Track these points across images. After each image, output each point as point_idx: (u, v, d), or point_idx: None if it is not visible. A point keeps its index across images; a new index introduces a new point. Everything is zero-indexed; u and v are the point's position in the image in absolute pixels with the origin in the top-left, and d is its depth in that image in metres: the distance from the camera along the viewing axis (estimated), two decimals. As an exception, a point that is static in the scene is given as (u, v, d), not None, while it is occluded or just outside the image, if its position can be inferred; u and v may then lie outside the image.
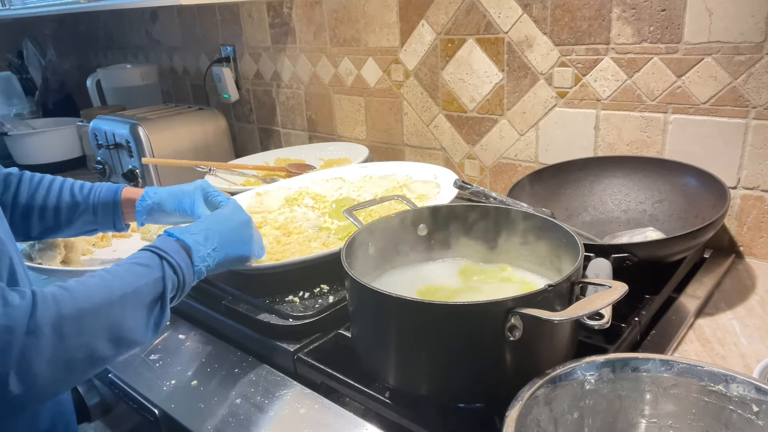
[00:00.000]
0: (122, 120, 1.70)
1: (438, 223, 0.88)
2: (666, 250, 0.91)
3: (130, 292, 0.66)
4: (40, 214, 0.95)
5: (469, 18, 1.30)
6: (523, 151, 1.31)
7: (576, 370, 0.62)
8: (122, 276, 0.67)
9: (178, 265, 0.73)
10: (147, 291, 0.68)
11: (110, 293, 0.64)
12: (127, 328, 0.65)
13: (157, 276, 0.70)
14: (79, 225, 0.98)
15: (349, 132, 1.67)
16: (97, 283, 0.65)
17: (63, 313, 0.59)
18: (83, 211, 0.97)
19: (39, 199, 0.95)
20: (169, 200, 0.98)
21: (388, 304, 0.66)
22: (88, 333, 0.61)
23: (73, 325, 0.59)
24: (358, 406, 0.77)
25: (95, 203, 0.98)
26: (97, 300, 0.63)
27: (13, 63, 2.51)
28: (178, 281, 0.73)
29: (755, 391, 0.58)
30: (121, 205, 0.98)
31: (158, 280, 0.70)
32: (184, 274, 0.74)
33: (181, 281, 0.74)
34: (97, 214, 0.98)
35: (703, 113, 1.05)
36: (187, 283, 0.75)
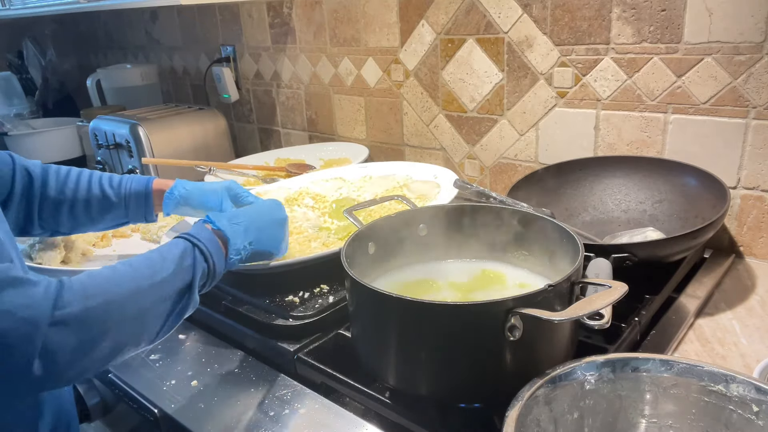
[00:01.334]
0: (122, 120, 1.70)
1: (438, 223, 0.88)
2: (666, 250, 0.91)
3: (158, 281, 0.66)
4: (70, 209, 0.95)
5: (469, 18, 1.30)
6: (523, 151, 1.31)
7: (576, 370, 0.62)
8: (152, 264, 0.68)
9: (210, 254, 0.73)
10: (176, 280, 0.68)
11: (138, 283, 0.65)
12: (152, 317, 0.66)
13: (187, 264, 0.70)
14: (110, 218, 0.99)
15: (349, 132, 1.67)
16: (127, 272, 0.65)
17: (89, 304, 0.60)
18: (115, 204, 0.97)
19: (69, 193, 0.95)
20: (196, 195, 0.99)
21: (388, 304, 0.66)
22: (114, 323, 0.62)
23: (98, 315, 0.60)
24: (358, 406, 0.77)
25: (127, 196, 0.98)
26: (124, 290, 0.63)
27: (13, 63, 2.51)
28: (208, 269, 0.73)
29: (755, 391, 0.58)
30: (152, 197, 0.99)
31: (188, 268, 0.70)
32: (215, 263, 0.74)
33: (211, 270, 0.74)
34: (129, 207, 0.98)
35: (703, 113, 1.05)
36: (218, 272, 0.76)
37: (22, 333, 0.55)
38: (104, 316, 0.61)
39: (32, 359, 0.55)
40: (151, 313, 0.66)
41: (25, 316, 0.55)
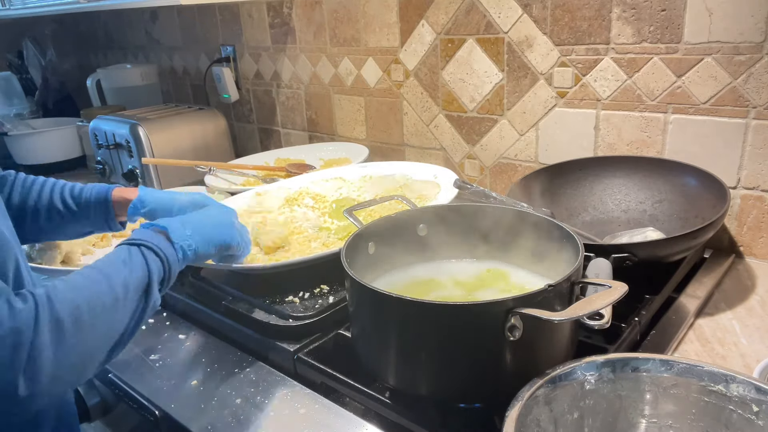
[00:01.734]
0: (122, 120, 1.70)
1: (438, 222, 0.88)
2: (666, 250, 0.91)
3: (118, 283, 0.65)
4: (33, 217, 0.93)
5: (469, 18, 1.30)
6: (523, 151, 1.31)
7: (576, 370, 0.62)
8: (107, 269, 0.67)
9: (159, 249, 0.72)
10: (133, 281, 0.67)
11: (99, 287, 0.64)
12: (119, 319, 0.65)
13: (139, 263, 0.69)
14: (73, 228, 0.97)
15: (349, 132, 1.67)
16: (86, 280, 0.64)
17: (60, 312, 0.58)
18: (76, 213, 0.95)
19: (31, 202, 0.93)
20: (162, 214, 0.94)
21: (388, 304, 0.66)
22: (86, 329, 0.61)
23: (71, 322, 0.59)
24: (358, 406, 0.77)
25: (87, 205, 0.95)
26: (88, 295, 0.62)
27: (13, 63, 2.51)
28: (162, 264, 0.72)
29: (755, 391, 0.58)
30: (112, 205, 0.96)
31: (142, 267, 0.69)
32: (167, 256, 0.73)
33: (165, 264, 0.72)
34: (89, 217, 0.96)
35: (703, 113, 1.05)
36: (172, 264, 0.74)
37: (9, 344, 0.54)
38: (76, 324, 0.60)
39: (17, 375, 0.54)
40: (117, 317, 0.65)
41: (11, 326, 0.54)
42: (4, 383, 0.54)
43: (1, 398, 0.54)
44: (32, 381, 0.55)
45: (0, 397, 0.54)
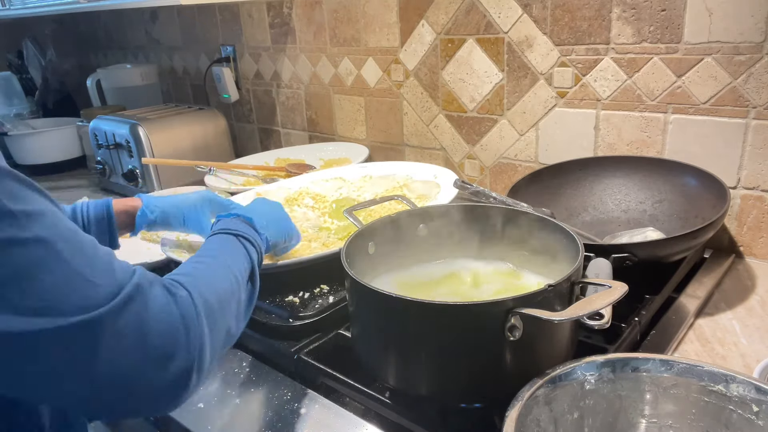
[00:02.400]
0: (122, 120, 1.70)
1: (438, 222, 0.88)
2: (666, 250, 0.91)
3: (236, 271, 0.66)
4: None
5: (469, 18, 1.30)
6: (523, 151, 1.31)
7: (576, 370, 0.62)
8: (222, 257, 0.68)
9: (253, 238, 0.74)
10: (244, 269, 0.69)
11: (225, 274, 0.64)
12: (241, 306, 0.66)
13: (243, 253, 0.71)
14: None
15: (349, 132, 1.67)
16: (215, 268, 0.65)
17: (209, 299, 0.58)
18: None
19: None
20: (174, 215, 0.94)
21: (388, 304, 0.66)
22: (226, 315, 0.61)
23: (218, 308, 0.59)
24: (358, 406, 0.77)
25: (86, 223, 0.90)
26: (221, 281, 0.63)
27: (13, 63, 2.51)
28: (258, 254, 0.74)
29: (755, 391, 0.58)
30: (115, 220, 0.92)
31: (246, 257, 0.71)
32: (260, 245, 0.75)
33: (259, 254, 0.75)
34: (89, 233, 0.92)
35: (703, 113, 1.05)
36: (262, 255, 0.77)
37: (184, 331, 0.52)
38: (220, 309, 0.59)
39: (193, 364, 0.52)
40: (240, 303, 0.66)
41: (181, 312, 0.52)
42: (187, 363, 0.52)
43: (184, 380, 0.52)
44: (200, 368, 0.54)
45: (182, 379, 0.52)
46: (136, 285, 0.50)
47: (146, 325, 0.49)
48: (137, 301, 0.50)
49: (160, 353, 0.50)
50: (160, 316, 0.51)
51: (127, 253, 1.17)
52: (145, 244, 1.23)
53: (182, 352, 0.52)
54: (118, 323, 0.48)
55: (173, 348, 0.51)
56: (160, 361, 0.50)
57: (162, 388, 0.51)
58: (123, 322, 0.48)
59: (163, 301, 0.52)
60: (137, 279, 0.51)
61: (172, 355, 0.51)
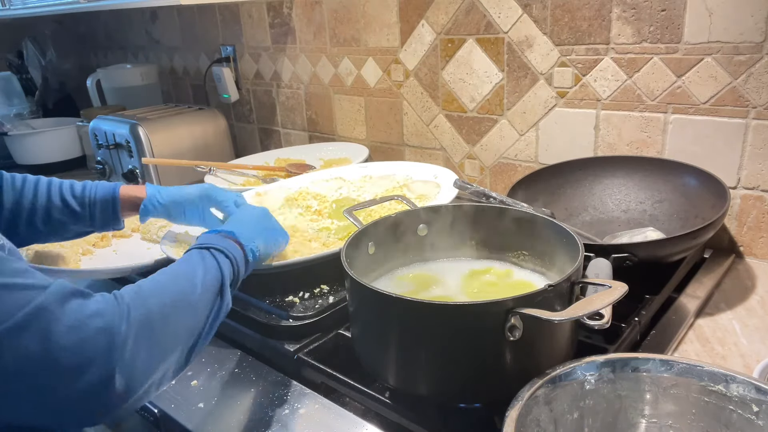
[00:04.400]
0: (122, 120, 1.70)
1: (438, 223, 0.88)
2: (666, 250, 0.91)
3: (197, 284, 0.66)
4: (28, 220, 0.89)
5: (469, 18, 1.30)
6: (523, 151, 1.31)
7: (576, 370, 0.62)
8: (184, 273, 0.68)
9: (229, 252, 0.73)
10: (209, 283, 0.68)
11: (183, 286, 0.65)
12: (200, 320, 0.65)
13: (212, 266, 0.70)
14: (73, 229, 0.94)
15: (349, 132, 1.67)
16: (167, 281, 0.65)
17: (150, 309, 0.59)
18: (78, 213, 0.92)
19: (26, 203, 0.88)
20: (175, 209, 0.96)
21: (388, 304, 0.66)
22: (172, 327, 0.61)
23: (159, 320, 0.59)
24: (358, 406, 0.77)
25: (92, 204, 0.92)
26: (173, 295, 0.63)
27: (13, 63, 2.51)
28: (232, 267, 0.73)
29: (755, 391, 0.58)
30: (120, 204, 0.94)
31: (216, 269, 0.70)
32: (237, 259, 0.74)
33: (235, 267, 0.73)
34: (94, 216, 0.93)
35: (703, 113, 1.05)
36: (241, 267, 0.75)
37: (100, 344, 0.52)
38: (164, 321, 0.60)
39: (113, 373, 0.53)
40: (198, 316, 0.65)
41: (99, 326, 0.53)
42: (101, 376, 0.52)
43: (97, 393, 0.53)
44: (127, 376, 0.54)
45: (95, 392, 0.53)
46: (38, 305, 0.51)
47: (52, 341, 0.50)
48: (41, 318, 0.50)
49: (71, 366, 0.51)
50: (70, 331, 0.51)
51: (127, 254, 1.18)
52: (145, 245, 1.23)
53: (98, 363, 0.52)
54: (20, 341, 0.49)
55: (86, 360, 0.52)
56: (72, 373, 0.51)
57: (78, 399, 0.52)
58: (26, 340, 0.49)
59: (76, 316, 0.52)
60: (43, 298, 0.51)
61: (85, 367, 0.51)
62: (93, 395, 0.52)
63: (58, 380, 0.51)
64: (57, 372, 0.51)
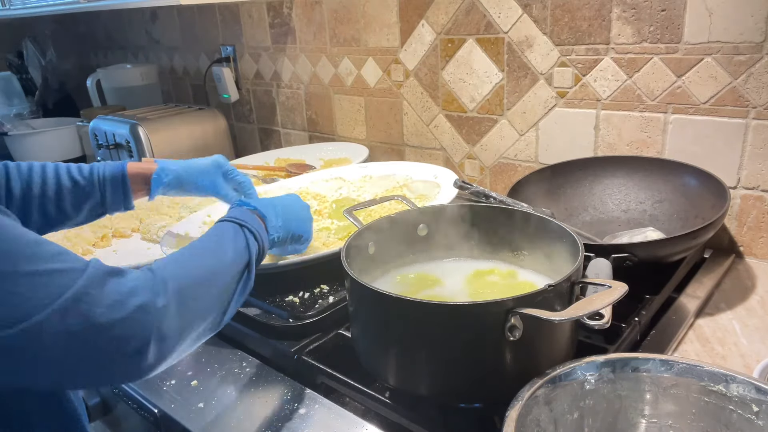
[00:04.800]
0: (122, 120, 1.70)
1: (438, 222, 0.88)
2: (666, 250, 0.91)
3: (227, 261, 0.69)
4: (40, 206, 0.89)
5: (469, 18, 1.30)
6: (523, 151, 1.31)
7: (576, 370, 0.62)
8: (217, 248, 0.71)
9: (258, 233, 0.76)
10: (238, 259, 0.71)
11: (211, 265, 0.68)
12: (228, 294, 0.68)
13: (242, 245, 0.73)
14: (85, 210, 0.93)
15: (349, 132, 1.67)
16: (198, 257, 0.68)
17: (183, 284, 0.62)
18: (89, 193, 0.92)
19: (36, 190, 0.88)
20: (187, 178, 0.98)
21: (388, 304, 0.66)
22: (203, 303, 0.64)
23: (191, 297, 0.62)
24: (358, 406, 0.77)
25: (102, 182, 0.93)
26: (203, 272, 0.66)
27: (13, 63, 2.51)
28: (258, 249, 0.76)
29: (755, 391, 0.58)
30: (129, 181, 0.95)
31: (244, 249, 0.73)
32: (264, 242, 0.77)
33: (260, 249, 0.77)
34: (105, 195, 0.93)
35: (703, 113, 1.05)
36: (265, 251, 0.79)
37: (137, 320, 0.55)
38: (195, 294, 0.63)
39: (148, 344, 0.56)
40: (227, 291, 0.68)
41: (137, 304, 0.56)
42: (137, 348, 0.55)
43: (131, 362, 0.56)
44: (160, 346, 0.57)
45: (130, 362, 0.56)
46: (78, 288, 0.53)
47: (93, 322, 0.53)
48: (82, 302, 0.53)
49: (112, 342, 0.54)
50: (110, 311, 0.54)
51: (127, 254, 1.18)
52: (145, 245, 1.23)
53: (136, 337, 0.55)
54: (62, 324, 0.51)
55: (126, 336, 0.55)
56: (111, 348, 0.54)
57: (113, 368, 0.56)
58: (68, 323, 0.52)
59: (114, 296, 0.55)
60: (83, 281, 0.54)
61: (124, 342, 0.55)
62: (127, 363, 0.56)
63: (98, 353, 0.54)
64: (97, 347, 0.54)
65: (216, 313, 0.66)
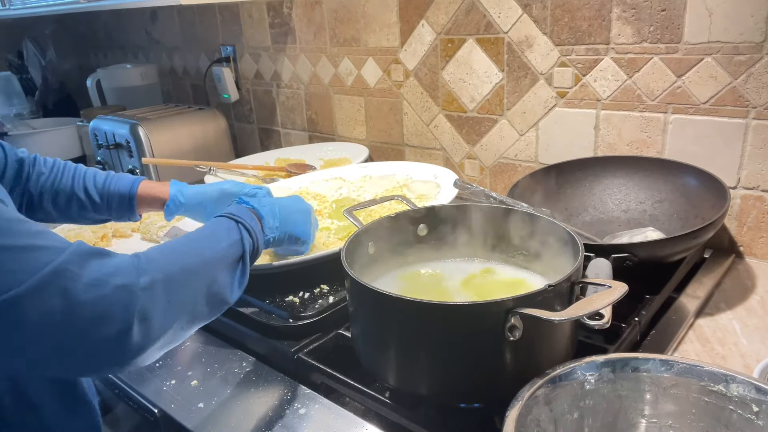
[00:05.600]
0: (122, 120, 1.70)
1: (438, 223, 0.88)
2: (666, 250, 0.91)
3: (219, 251, 0.70)
4: (53, 201, 0.95)
5: (469, 18, 1.30)
6: (523, 151, 1.31)
7: (576, 370, 0.62)
8: (209, 239, 0.71)
9: (253, 230, 0.77)
10: (231, 251, 0.71)
11: (203, 253, 0.68)
12: (219, 285, 0.68)
13: (236, 238, 0.73)
14: (92, 216, 0.99)
15: (349, 132, 1.67)
16: (189, 245, 0.69)
17: (171, 270, 0.62)
18: (98, 204, 0.97)
19: (52, 184, 0.94)
20: (198, 211, 1.00)
21: (388, 304, 0.66)
22: (191, 290, 0.64)
23: (178, 281, 0.62)
24: (358, 406, 0.77)
25: (110, 196, 0.97)
26: (193, 259, 0.66)
27: (13, 63, 2.51)
28: (253, 245, 0.76)
29: (755, 391, 0.58)
30: (136, 200, 0.99)
31: (238, 242, 0.73)
32: (258, 239, 0.78)
33: (255, 245, 0.77)
34: (111, 207, 0.98)
35: (703, 113, 1.05)
36: (259, 248, 0.79)
37: (119, 299, 0.55)
38: (183, 282, 0.63)
39: (131, 325, 0.55)
40: (218, 283, 0.68)
41: (118, 283, 0.55)
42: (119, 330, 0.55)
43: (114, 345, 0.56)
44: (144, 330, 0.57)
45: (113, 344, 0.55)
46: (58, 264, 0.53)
47: (72, 299, 0.53)
48: (61, 277, 0.53)
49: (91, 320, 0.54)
50: (90, 289, 0.54)
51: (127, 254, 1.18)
52: (145, 245, 1.23)
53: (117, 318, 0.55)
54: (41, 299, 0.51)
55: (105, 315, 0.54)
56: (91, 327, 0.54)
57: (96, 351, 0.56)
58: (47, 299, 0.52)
59: (95, 275, 0.55)
60: (63, 258, 0.54)
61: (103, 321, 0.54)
62: (111, 347, 0.56)
63: (79, 334, 0.54)
64: (77, 327, 0.53)
65: (206, 302, 0.66)
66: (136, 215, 1.01)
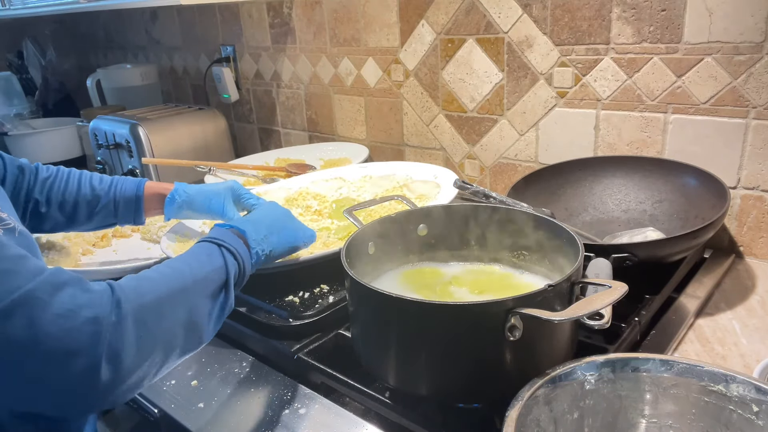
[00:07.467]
0: (122, 120, 1.70)
1: (438, 222, 0.88)
2: (666, 250, 0.91)
3: (200, 279, 0.66)
4: (59, 208, 0.95)
5: (469, 18, 1.30)
6: (523, 151, 1.31)
7: (576, 370, 0.62)
8: (188, 266, 0.68)
9: (237, 251, 0.74)
10: (213, 279, 0.68)
11: (183, 282, 0.65)
12: (199, 315, 0.65)
13: (219, 264, 0.70)
14: (98, 220, 0.99)
15: (349, 132, 1.67)
16: (169, 273, 0.65)
17: (144, 302, 0.59)
18: (104, 206, 0.97)
19: (58, 193, 0.95)
20: (199, 199, 1.00)
21: (388, 304, 0.66)
22: (167, 322, 0.61)
23: (153, 312, 0.59)
24: (358, 406, 0.77)
25: (116, 198, 0.98)
26: (172, 288, 0.63)
27: (13, 63, 2.51)
28: (238, 266, 0.74)
29: (755, 391, 0.58)
30: (143, 201, 0.99)
31: (221, 268, 0.70)
32: (243, 259, 0.75)
33: (241, 266, 0.74)
34: (117, 209, 0.98)
35: (703, 113, 1.05)
36: (247, 268, 0.76)
37: (88, 332, 0.52)
38: (158, 314, 0.60)
39: (99, 361, 0.53)
40: (197, 312, 0.65)
41: (89, 316, 0.53)
42: (87, 365, 0.52)
43: (84, 381, 0.53)
44: (114, 366, 0.54)
45: (83, 380, 0.53)
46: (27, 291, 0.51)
47: (38, 328, 0.50)
48: (29, 305, 0.51)
49: (58, 353, 0.51)
50: (58, 320, 0.51)
51: (127, 254, 1.18)
52: (145, 245, 1.23)
53: (84, 352, 0.52)
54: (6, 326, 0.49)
55: (72, 348, 0.52)
56: (59, 360, 0.51)
57: (67, 386, 0.53)
58: (12, 326, 0.50)
59: (66, 306, 0.52)
60: (33, 285, 0.52)
61: (71, 356, 0.52)
62: (81, 383, 0.53)
63: (46, 367, 0.51)
64: (44, 359, 0.51)
65: (186, 334, 0.63)
66: (143, 217, 1.01)
